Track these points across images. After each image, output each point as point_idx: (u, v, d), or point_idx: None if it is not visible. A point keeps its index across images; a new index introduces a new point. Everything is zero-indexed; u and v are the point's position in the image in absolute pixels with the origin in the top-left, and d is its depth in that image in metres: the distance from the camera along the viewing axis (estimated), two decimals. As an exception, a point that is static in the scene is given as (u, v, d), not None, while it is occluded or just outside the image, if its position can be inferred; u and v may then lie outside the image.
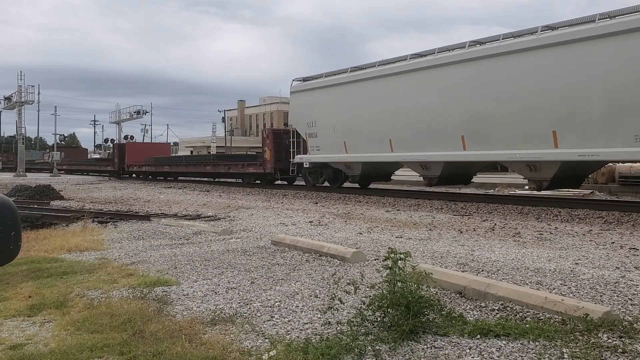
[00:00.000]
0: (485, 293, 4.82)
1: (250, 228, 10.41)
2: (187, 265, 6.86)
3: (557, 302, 4.35)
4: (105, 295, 5.44)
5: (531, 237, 8.86)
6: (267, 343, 3.91)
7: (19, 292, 5.70)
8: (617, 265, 6.40)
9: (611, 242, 8.32)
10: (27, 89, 45.51)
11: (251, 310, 4.76)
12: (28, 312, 4.93)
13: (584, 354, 3.51)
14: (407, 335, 3.86)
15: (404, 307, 4.00)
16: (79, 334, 4.24)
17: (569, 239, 8.69)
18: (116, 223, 11.64)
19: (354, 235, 9.15)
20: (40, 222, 12.88)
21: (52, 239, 9.68)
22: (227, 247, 8.13)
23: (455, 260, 6.73)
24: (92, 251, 8.23)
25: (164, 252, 7.96)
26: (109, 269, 6.67)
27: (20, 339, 4.19)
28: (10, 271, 6.48)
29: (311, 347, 3.67)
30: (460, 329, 4.02)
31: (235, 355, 3.70)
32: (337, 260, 6.78)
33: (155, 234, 9.88)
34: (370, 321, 4.18)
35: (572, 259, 6.85)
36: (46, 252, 8.20)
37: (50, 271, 6.64)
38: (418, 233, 9.44)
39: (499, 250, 7.59)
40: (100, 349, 3.87)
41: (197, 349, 3.80)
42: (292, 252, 7.54)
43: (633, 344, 3.68)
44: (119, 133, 61.12)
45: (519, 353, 3.61)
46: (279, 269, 6.46)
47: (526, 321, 4.20)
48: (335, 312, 4.40)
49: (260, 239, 8.97)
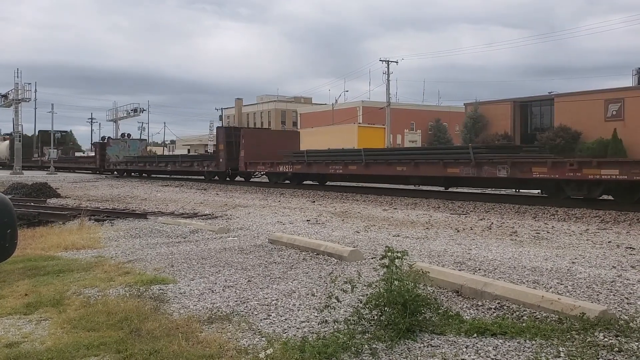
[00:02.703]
0: (482, 292, 4.82)
1: (248, 226, 10.40)
2: (184, 263, 6.85)
3: (554, 301, 4.36)
4: (102, 293, 5.43)
5: (528, 236, 8.88)
6: (264, 341, 3.91)
7: (15, 290, 5.68)
8: (613, 265, 6.42)
9: (608, 241, 8.34)
10: (24, 86, 45.32)
11: (248, 309, 4.76)
12: (24, 310, 4.92)
13: (580, 353, 3.52)
14: (404, 334, 3.86)
15: (400, 305, 4.00)
16: (76, 332, 4.23)
17: (566, 238, 8.70)
18: (113, 221, 11.61)
19: (351, 234, 9.15)
20: (37, 220, 12.87)
21: (49, 237, 9.67)
22: (224, 246, 8.12)
23: (452, 259, 6.74)
24: (88, 249, 8.21)
25: (161, 250, 7.95)
26: (105, 267, 6.66)
27: (16, 337, 4.18)
28: (7, 269, 6.47)
29: (308, 345, 3.67)
30: (457, 328, 4.02)
31: (232, 353, 3.70)
32: (334, 259, 6.78)
33: (152, 232, 9.86)
34: (367, 320, 4.18)
35: (569, 258, 6.86)
36: (43, 250, 8.18)
37: (46, 269, 6.63)
38: (415, 232, 9.45)
39: (496, 249, 7.60)
40: (97, 347, 3.87)
41: (194, 348, 3.79)
42: (289, 250, 7.53)
43: (629, 342, 3.69)
44: (116, 131, 60.99)
45: (515, 352, 3.61)
46: (276, 268, 6.45)
47: (523, 320, 4.21)
48: (332, 310, 4.40)
49: (257, 237, 8.96)
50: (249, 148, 23.71)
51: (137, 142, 41.80)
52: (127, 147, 38.84)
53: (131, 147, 39.37)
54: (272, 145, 23.63)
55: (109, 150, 37.89)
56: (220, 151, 25.23)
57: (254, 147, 23.79)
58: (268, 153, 23.09)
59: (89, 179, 32.87)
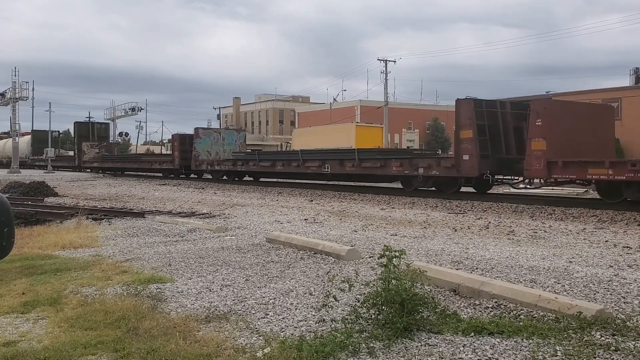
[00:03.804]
0: (480, 291, 4.83)
1: (245, 225, 10.39)
2: (182, 262, 6.85)
3: (551, 300, 4.37)
4: (99, 292, 5.43)
5: (525, 236, 8.89)
6: (262, 340, 3.91)
7: (12, 289, 5.68)
8: (610, 264, 6.43)
9: (605, 240, 8.36)
10: (22, 85, 45.22)
11: (245, 308, 4.76)
12: (22, 309, 4.91)
13: (577, 352, 3.53)
14: (401, 333, 3.87)
15: (398, 304, 4.01)
16: (73, 331, 4.23)
17: (563, 237, 8.72)
18: (110, 220, 11.59)
19: (349, 233, 9.15)
20: (34, 219, 12.84)
21: (46, 235, 9.65)
22: (221, 245, 8.12)
23: (449, 258, 6.75)
24: (86, 248, 8.20)
25: (159, 249, 7.94)
26: (103, 266, 6.65)
27: (13, 336, 4.18)
28: (4, 268, 6.46)
29: (305, 344, 3.67)
30: (454, 327, 4.03)
31: (230, 352, 3.70)
32: (332, 258, 6.79)
33: (149, 231, 9.85)
34: (364, 319, 4.19)
35: (566, 257, 6.87)
36: (40, 249, 8.17)
37: (44, 268, 6.62)
38: (413, 231, 9.45)
39: (493, 248, 7.61)
40: (94, 346, 3.86)
41: (191, 346, 3.79)
42: (286, 249, 7.53)
43: (626, 341, 3.70)
44: (113, 130, 60.89)
45: (512, 351, 3.62)
46: (273, 267, 6.45)
47: (520, 319, 4.22)
48: (330, 309, 4.40)
49: (255, 236, 8.96)
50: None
51: (233, 134, 31.92)
52: (221, 141, 29.94)
53: (227, 140, 30.31)
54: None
55: (198, 144, 28.88)
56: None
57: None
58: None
59: (86, 178, 32.83)
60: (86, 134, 45.04)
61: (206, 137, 29.59)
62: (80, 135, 44.98)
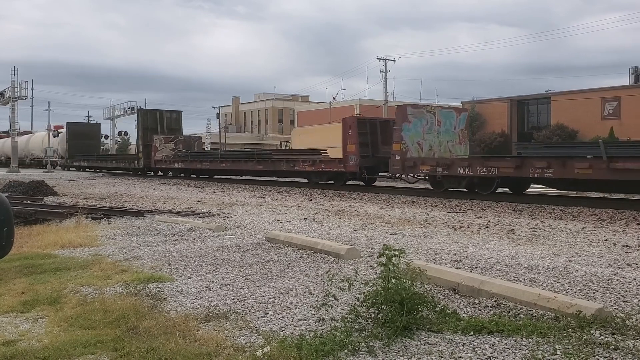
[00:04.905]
0: (479, 290, 4.83)
1: (245, 224, 10.40)
2: (181, 261, 6.85)
3: (550, 299, 4.38)
4: (99, 291, 5.43)
5: (525, 234, 8.90)
6: (261, 339, 3.91)
7: (12, 288, 5.67)
8: (610, 263, 6.44)
9: (604, 239, 8.36)
10: (21, 84, 45.21)
11: (245, 307, 4.76)
12: (21, 308, 4.92)
13: (577, 351, 3.54)
14: (401, 332, 3.87)
15: (397, 303, 4.01)
16: (73, 330, 4.23)
17: (563, 236, 8.72)
18: (110, 219, 11.59)
19: (349, 232, 9.16)
20: (34, 218, 12.84)
21: (46, 235, 9.65)
22: (221, 244, 8.12)
23: (449, 257, 6.75)
24: (85, 247, 8.20)
25: (158, 248, 7.94)
26: (102, 265, 6.65)
27: (13, 335, 4.18)
28: (3, 267, 6.46)
29: (305, 343, 3.67)
30: (454, 326, 4.03)
31: (229, 351, 3.70)
32: (332, 257, 6.79)
33: (149, 231, 9.85)
34: (364, 317, 4.19)
35: (566, 256, 6.88)
36: (39, 248, 8.17)
37: (43, 267, 6.62)
38: (412, 230, 9.46)
39: (493, 247, 7.61)
40: (94, 345, 3.87)
41: (191, 345, 3.79)
42: (286, 248, 7.54)
43: (625, 340, 3.70)
44: (113, 129, 60.94)
45: (512, 349, 3.62)
46: (273, 266, 6.46)
47: (519, 318, 4.22)
48: (330, 308, 4.40)
49: (254, 235, 8.96)
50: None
51: (452, 115, 19.18)
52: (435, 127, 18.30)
53: (443, 124, 18.56)
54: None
55: (407, 132, 17.42)
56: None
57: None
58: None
59: (85, 177, 32.82)
60: (153, 126, 33.65)
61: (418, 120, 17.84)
62: (145, 128, 33.48)
